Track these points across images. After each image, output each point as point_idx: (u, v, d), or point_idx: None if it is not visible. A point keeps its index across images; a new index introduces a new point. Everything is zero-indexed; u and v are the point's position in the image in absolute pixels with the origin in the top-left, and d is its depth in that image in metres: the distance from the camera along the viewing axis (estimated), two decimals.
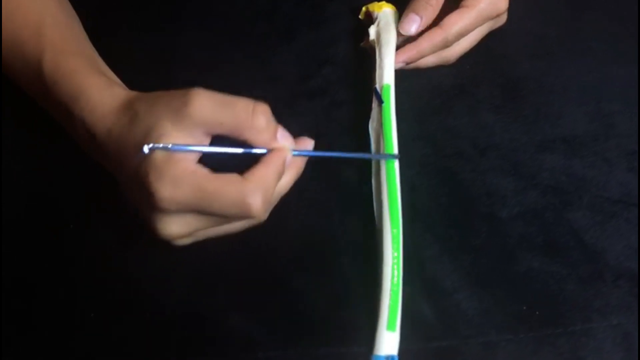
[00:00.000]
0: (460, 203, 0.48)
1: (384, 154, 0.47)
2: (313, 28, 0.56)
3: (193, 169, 0.38)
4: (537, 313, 0.44)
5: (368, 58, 0.53)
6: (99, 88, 0.43)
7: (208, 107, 0.38)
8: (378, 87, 0.50)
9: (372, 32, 0.53)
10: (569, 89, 0.52)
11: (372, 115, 0.50)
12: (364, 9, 0.56)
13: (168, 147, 0.38)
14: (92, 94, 0.42)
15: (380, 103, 0.49)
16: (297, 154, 0.42)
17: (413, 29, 0.51)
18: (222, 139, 0.40)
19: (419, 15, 0.51)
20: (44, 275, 0.46)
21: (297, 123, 0.50)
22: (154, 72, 0.53)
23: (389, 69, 0.51)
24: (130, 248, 0.46)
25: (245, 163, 0.40)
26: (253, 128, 0.39)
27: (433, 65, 0.53)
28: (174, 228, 0.39)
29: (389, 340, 0.41)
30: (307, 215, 0.47)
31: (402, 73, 0.53)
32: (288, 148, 0.41)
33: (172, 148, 0.38)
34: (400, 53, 0.52)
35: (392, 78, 0.51)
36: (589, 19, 0.56)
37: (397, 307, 0.42)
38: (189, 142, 0.39)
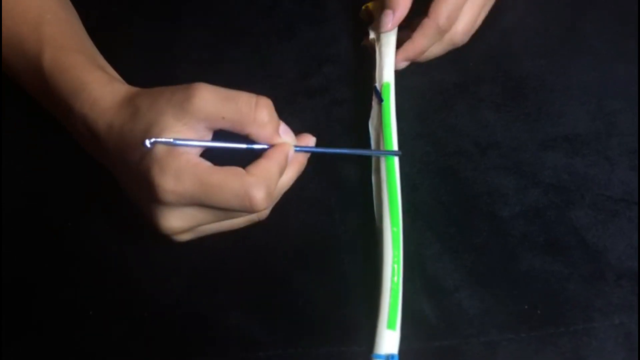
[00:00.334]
0: (462, 202, 0.48)
1: (386, 150, 0.47)
2: (313, 26, 0.56)
3: (195, 162, 0.38)
4: (538, 312, 0.43)
5: (368, 56, 0.53)
6: (100, 84, 0.43)
7: (210, 101, 0.38)
8: (378, 85, 0.50)
9: (372, 30, 0.53)
10: (571, 88, 0.52)
11: (372, 114, 0.50)
12: (364, 8, 0.56)
13: (170, 141, 0.38)
14: (92, 90, 0.42)
15: (380, 102, 0.49)
16: (299, 150, 0.43)
17: (389, 25, 0.51)
18: (224, 136, 0.40)
19: (391, 9, 0.50)
20: (43, 275, 0.46)
21: (297, 121, 0.50)
22: (154, 69, 0.52)
23: (389, 68, 0.51)
24: (130, 247, 0.46)
25: (247, 160, 0.40)
26: (255, 122, 0.39)
27: (443, 53, 0.53)
28: (176, 222, 0.39)
29: (389, 339, 0.41)
30: (307, 214, 0.47)
31: (403, 71, 0.52)
32: (290, 144, 0.41)
33: (174, 142, 0.38)
34: (400, 53, 0.51)
35: (392, 76, 0.51)
36: (591, 18, 0.55)
37: (397, 305, 0.42)
38: (192, 136, 0.39)
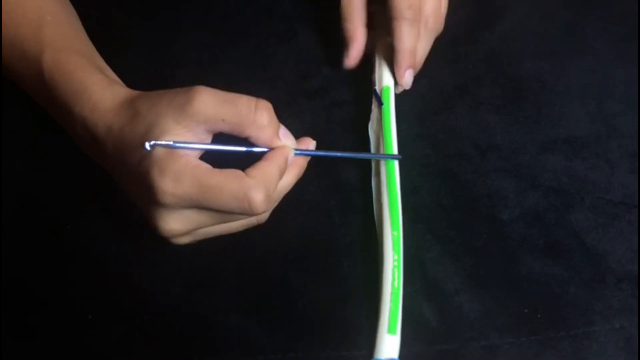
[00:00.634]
0: (462, 204, 0.48)
1: (386, 154, 0.47)
2: (313, 27, 0.56)
3: (195, 164, 0.38)
4: (538, 316, 0.43)
5: (368, 57, 0.53)
6: (100, 86, 0.42)
7: (210, 104, 0.38)
8: (378, 89, 0.50)
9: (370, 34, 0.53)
10: (571, 90, 0.52)
11: (371, 117, 0.50)
12: None
13: (170, 143, 0.38)
14: (92, 92, 0.42)
15: (380, 105, 0.49)
16: (299, 153, 0.43)
17: (348, 59, 0.51)
18: (224, 139, 0.40)
19: (345, 45, 0.51)
20: (42, 276, 0.46)
21: (297, 123, 0.50)
22: (153, 71, 0.52)
23: (389, 71, 0.50)
24: (129, 248, 0.46)
25: (247, 164, 0.40)
26: (255, 125, 0.39)
27: (430, 45, 0.51)
28: (175, 224, 0.39)
29: (390, 344, 0.41)
30: (307, 217, 0.47)
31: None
32: (290, 147, 0.42)
33: (174, 145, 0.38)
34: (396, 67, 0.49)
35: (391, 80, 0.50)
36: (592, 19, 0.55)
37: (397, 310, 0.42)
38: (191, 139, 0.39)
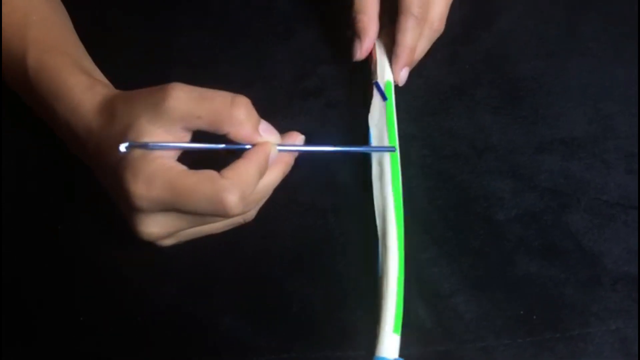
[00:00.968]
0: (458, 205, 0.47)
1: (381, 146, 0.46)
2: (309, 27, 0.56)
3: (169, 166, 0.37)
4: (535, 317, 0.43)
5: (365, 57, 0.52)
6: (81, 87, 0.42)
7: (184, 100, 0.37)
8: (380, 82, 0.49)
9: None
10: (568, 90, 0.52)
11: (371, 110, 0.49)
12: None
13: (145, 144, 0.37)
14: (74, 94, 0.42)
15: (384, 99, 0.48)
16: (283, 149, 0.41)
17: (357, 52, 0.50)
18: (206, 136, 0.39)
19: (357, 37, 0.50)
20: (37, 277, 0.45)
21: (292, 123, 0.50)
22: (148, 70, 0.52)
23: (389, 65, 0.50)
24: (122, 249, 0.46)
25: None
26: (232, 121, 0.38)
27: (430, 45, 0.52)
28: (154, 228, 0.39)
29: (394, 343, 0.40)
30: (302, 217, 0.47)
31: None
32: (272, 143, 0.40)
33: (149, 146, 0.37)
34: (394, 62, 0.50)
35: (392, 75, 0.50)
36: (589, 20, 0.55)
37: (401, 309, 0.41)
38: (168, 138, 0.38)
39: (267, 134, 0.40)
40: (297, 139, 0.42)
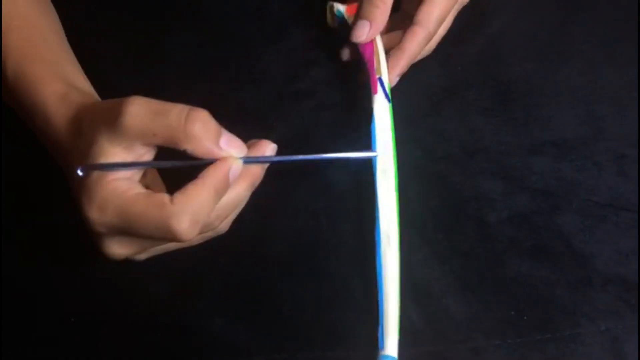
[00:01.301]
0: (450, 207, 0.48)
1: (354, 154, 0.44)
2: (301, 29, 0.56)
3: (121, 191, 0.36)
4: (525, 318, 0.43)
5: (356, 59, 0.52)
6: (54, 99, 0.42)
7: (139, 117, 0.36)
8: (384, 81, 0.48)
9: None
10: (560, 92, 0.52)
11: (375, 112, 0.47)
12: (330, 6, 0.54)
13: (101, 166, 0.36)
14: (47, 105, 0.42)
15: (388, 100, 0.47)
16: (249, 162, 0.38)
17: (363, 36, 0.50)
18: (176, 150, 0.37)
19: (368, 20, 0.50)
20: (24, 280, 0.45)
21: (283, 125, 0.50)
22: (140, 73, 0.52)
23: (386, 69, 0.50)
24: None
25: None
26: (187, 137, 0.36)
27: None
28: (116, 249, 0.39)
29: (395, 343, 0.40)
30: (294, 219, 0.47)
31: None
32: (234, 157, 0.38)
33: (105, 167, 0.36)
34: (392, 66, 0.49)
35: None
36: (580, 22, 0.55)
37: (399, 310, 0.41)
38: (128, 157, 0.37)
39: (229, 147, 0.37)
40: (266, 149, 0.40)
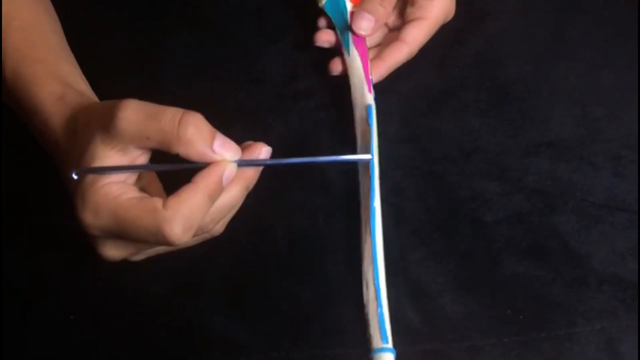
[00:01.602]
0: (446, 207, 0.48)
1: (349, 157, 0.44)
2: (300, 29, 0.56)
3: (115, 195, 0.36)
4: (521, 317, 0.43)
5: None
6: (52, 100, 0.42)
7: (133, 121, 0.36)
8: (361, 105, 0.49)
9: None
10: (556, 93, 0.52)
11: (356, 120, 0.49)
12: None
13: (95, 169, 0.36)
14: (44, 107, 0.42)
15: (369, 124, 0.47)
16: (243, 165, 0.38)
17: (366, 27, 0.51)
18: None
19: (372, 15, 0.51)
20: (23, 279, 0.45)
21: (282, 125, 0.50)
22: (139, 73, 0.52)
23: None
24: None
25: None
26: (180, 141, 0.36)
27: None
28: (111, 252, 0.39)
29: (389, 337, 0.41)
30: (291, 217, 0.47)
31: (389, 75, 0.52)
32: (227, 161, 0.37)
33: (99, 171, 0.36)
34: (372, 73, 0.51)
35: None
36: (577, 24, 0.56)
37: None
38: (123, 160, 0.37)
39: (223, 150, 0.37)
40: (261, 151, 0.40)
